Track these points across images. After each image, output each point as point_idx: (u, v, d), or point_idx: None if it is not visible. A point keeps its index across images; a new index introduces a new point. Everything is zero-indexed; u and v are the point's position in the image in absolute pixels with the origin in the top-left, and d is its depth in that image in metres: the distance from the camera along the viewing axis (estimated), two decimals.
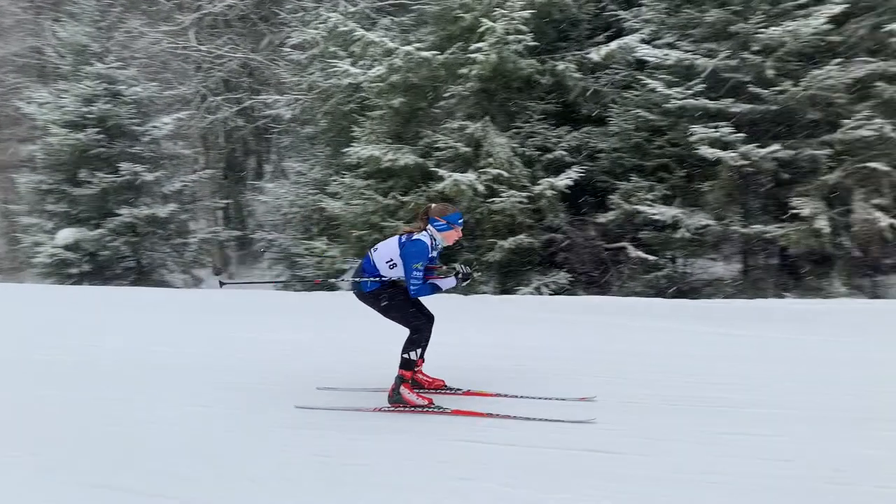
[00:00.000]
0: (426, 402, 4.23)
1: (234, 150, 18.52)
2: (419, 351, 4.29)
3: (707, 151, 8.91)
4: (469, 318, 7.88)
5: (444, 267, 4.48)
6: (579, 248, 9.99)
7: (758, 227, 9.04)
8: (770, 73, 8.87)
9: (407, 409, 4.22)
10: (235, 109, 16.99)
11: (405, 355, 4.26)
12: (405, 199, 10.17)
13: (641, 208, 9.35)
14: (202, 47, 16.67)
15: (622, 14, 9.98)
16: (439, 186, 9.68)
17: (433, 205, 4.43)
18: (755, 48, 8.95)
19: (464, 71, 9.83)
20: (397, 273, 4.24)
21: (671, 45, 9.43)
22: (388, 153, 10.09)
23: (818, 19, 8.69)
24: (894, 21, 8.47)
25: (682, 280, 9.72)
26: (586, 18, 10.29)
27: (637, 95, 9.52)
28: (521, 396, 4.33)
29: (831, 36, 8.94)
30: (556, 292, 9.76)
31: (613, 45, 9.61)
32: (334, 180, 10.97)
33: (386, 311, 4.35)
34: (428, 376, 4.57)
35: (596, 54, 9.70)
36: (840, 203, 8.86)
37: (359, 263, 4.50)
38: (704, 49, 9.32)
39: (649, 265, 9.60)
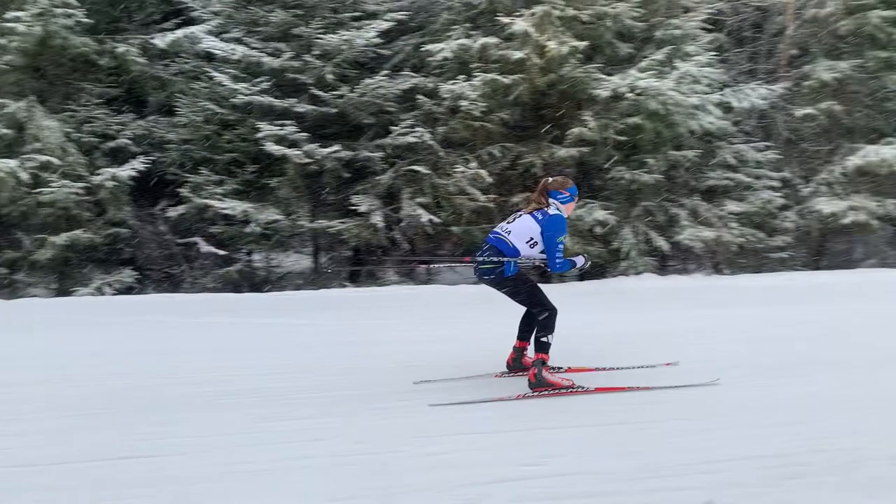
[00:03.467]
0: (570, 384, 4.53)
1: None
2: (554, 334, 4.46)
3: (274, 148, 9.86)
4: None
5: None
6: (148, 244, 10.19)
7: (324, 223, 10.37)
8: (330, 77, 10.23)
9: (552, 391, 4.44)
10: None
11: (543, 339, 4.46)
12: None
13: (212, 202, 9.93)
14: None
15: (190, 2, 10.45)
16: None
17: (550, 179, 4.64)
18: (316, 52, 10.22)
19: (1, 42, 9.27)
20: (537, 251, 4.46)
21: (239, 41, 10.19)
22: None
23: (370, 32, 10.34)
24: (432, 42, 10.50)
25: (256, 274, 10.63)
26: (153, 2, 10.54)
27: (205, 87, 10.08)
28: (618, 368, 5.02)
29: (382, 49, 10.70)
30: (120, 291, 9.78)
31: (180, 33, 10.03)
32: None
33: (520, 296, 4.56)
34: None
35: (161, 41, 10.01)
36: (392, 201, 10.66)
37: (488, 249, 4.52)
38: (271, 48, 10.33)
39: (222, 260, 10.26)
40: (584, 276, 10.83)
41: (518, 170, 10.52)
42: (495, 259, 4.47)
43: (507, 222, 4.67)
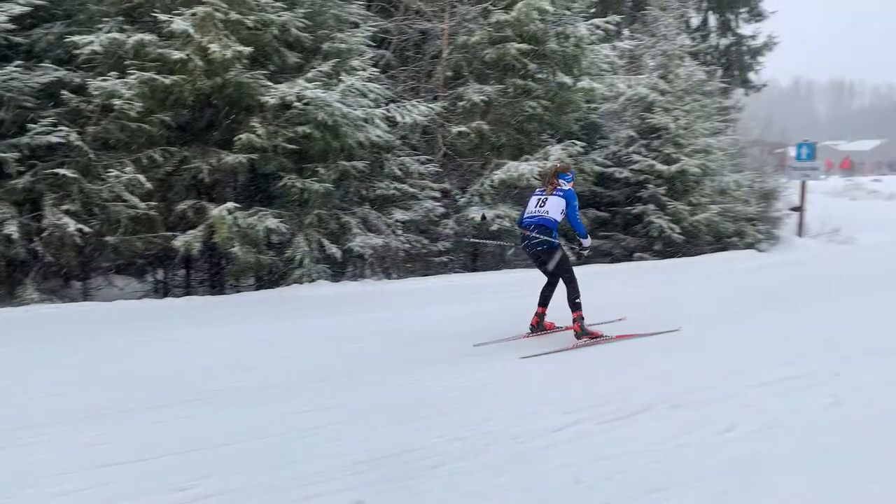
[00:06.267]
0: (601, 333, 6.47)
1: None
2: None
3: None
4: None
5: None
6: None
7: None
8: None
9: (591, 340, 6.37)
10: None
11: (577, 300, 6.36)
12: None
13: None
14: None
15: None
16: None
17: (558, 163, 7.62)
18: None
19: None
20: (561, 218, 6.46)
21: None
22: None
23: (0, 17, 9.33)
24: (80, 34, 9.79)
25: None
26: None
27: None
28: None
29: (17, 37, 9.73)
30: None
31: None
32: None
33: (557, 264, 6.46)
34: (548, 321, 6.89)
35: None
36: (32, 208, 9.68)
37: (535, 228, 6.41)
38: None
39: None
40: (259, 285, 11.01)
41: (183, 175, 10.31)
42: (542, 237, 6.37)
43: (540, 206, 6.58)
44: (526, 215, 6.72)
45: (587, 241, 6.88)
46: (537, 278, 11.54)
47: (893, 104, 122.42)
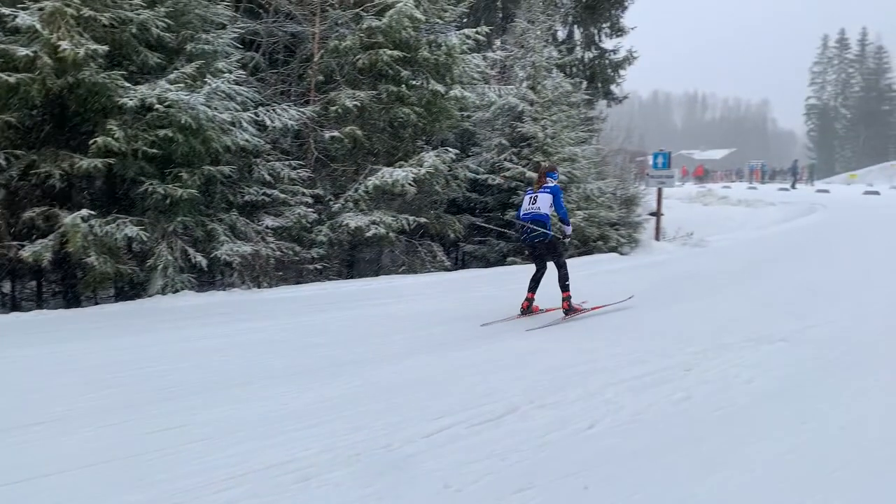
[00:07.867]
0: (583, 309, 7.95)
1: None
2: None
3: None
4: None
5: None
6: None
7: None
8: None
9: (578, 315, 7.89)
10: None
11: (567, 283, 7.87)
12: None
13: None
14: None
15: None
16: None
17: (546, 163, 10.81)
18: None
19: None
20: (551, 210, 7.95)
21: None
22: None
23: None
24: None
25: None
26: None
27: None
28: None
29: None
30: None
31: None
32: None
33: (553, 252, 7.93)
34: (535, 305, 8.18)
35: None
36: None
37: (531, 221, 7.83)
38: None
39: None
40: (119, 296, 10.46)
41: (31, 181, 9.65)
42: (539, 230, 7.72)
43: (532, 203, 7.93)
44: (522, 213, 8.02)
45: (568, 229, 8.36)
46: (426, 282, 11.74)
47: (741, 116, 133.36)
